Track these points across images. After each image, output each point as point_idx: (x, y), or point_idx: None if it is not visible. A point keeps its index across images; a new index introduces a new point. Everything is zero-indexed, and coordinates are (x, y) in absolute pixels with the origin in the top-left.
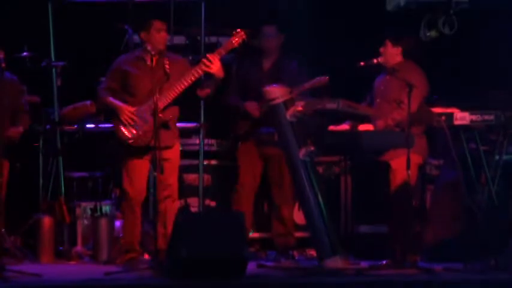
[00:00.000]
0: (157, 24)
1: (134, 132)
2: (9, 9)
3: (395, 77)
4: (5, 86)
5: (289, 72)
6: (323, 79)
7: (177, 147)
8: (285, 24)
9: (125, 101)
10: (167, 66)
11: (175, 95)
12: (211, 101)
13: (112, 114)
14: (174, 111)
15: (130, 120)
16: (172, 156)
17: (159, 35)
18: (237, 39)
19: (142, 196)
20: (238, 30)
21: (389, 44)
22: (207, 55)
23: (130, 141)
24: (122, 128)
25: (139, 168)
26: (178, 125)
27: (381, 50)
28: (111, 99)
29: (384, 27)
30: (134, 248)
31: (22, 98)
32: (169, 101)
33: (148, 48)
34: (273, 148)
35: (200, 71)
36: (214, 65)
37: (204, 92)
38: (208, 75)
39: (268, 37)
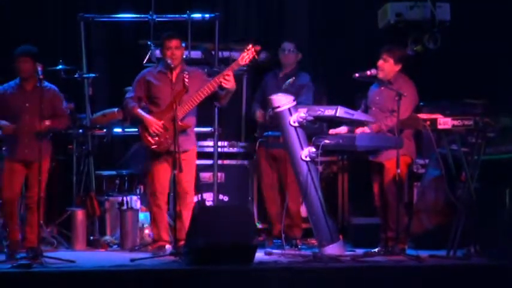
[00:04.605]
0: (167, 43)
1: (157, 139)
2: (46, 28)
3: (389, 88)
4: (45, 94)
5: (299, 85)
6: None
7: (194, 151)
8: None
9: (149, 110)
10: (186, 79)
11: (194, 105)
12: (225, 108)
13: (138, 123)
14: (192, 120)
15: (157, 131)
16: (190, 158)
17: (168, 52)
18: (248, 56)
19: (165, 192)
20: (249, 47)
21: (391, 60)
22: (225, 72)
23: (154, 146)
24: (147, 135)
25: (161, 169)
26: (195, 129)
27: (380, 65)
28: (139, 110)
29: (376, 43)
30: (162, 237)
31: (61, 104)
32: (188, 110)
33: (169, 62)
34: (280, 150)
35: (216, 85)
36: (230, 81)
37: (220, 103)
38: (221, 88)
39: (286, 53)
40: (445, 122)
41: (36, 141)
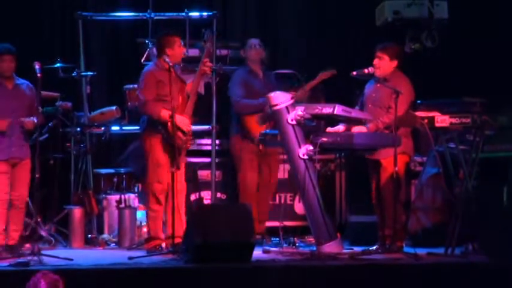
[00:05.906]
0: (179, 40)
1: (184, 137)
2: (44, 26)
3: (385, 85)
4: (28, 91)
5: (275, 83)
6: (330, 73)
7: None
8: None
9: None
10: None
11: (195, 99)
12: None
13: (161, 123)
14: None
15: (190, 129)
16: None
17: (180, 49)
18: (210, 43)
19: (166, 189)
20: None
21: (387, 58)
22: (203, 60)
23: (182, 144)
24: (181, 135)
25: (165, 166)
26: (193, 127)
27: (375, 63)
28: (165, 111)
29: (373, 40)
30: (159, 236)
31: (36, 100)
32: (194, 105)
33: (168, 60)
34: (272, 148)
35: (200, 75)
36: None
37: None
38: None
39: (258, 48)
40: (442, 120)
41: (21, 140)
